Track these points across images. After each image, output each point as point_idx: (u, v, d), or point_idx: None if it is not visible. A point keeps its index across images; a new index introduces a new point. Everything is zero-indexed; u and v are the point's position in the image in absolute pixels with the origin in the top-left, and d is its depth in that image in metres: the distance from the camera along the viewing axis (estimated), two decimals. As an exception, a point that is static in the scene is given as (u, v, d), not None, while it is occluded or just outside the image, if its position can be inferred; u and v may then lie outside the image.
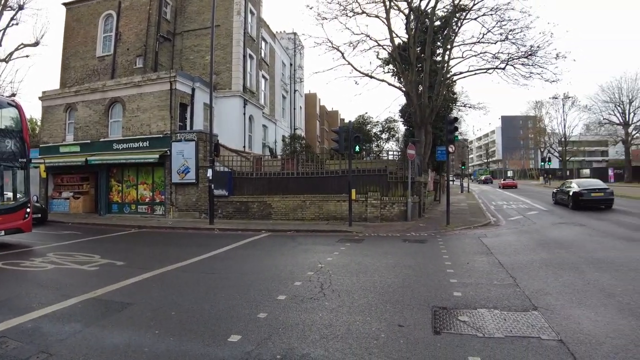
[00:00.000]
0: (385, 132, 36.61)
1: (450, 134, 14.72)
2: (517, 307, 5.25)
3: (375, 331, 4.53)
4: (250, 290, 6.26)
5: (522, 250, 9.58)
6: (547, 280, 6.61)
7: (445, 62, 21.19)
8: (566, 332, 4.33)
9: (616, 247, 9.35)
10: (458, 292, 5.97)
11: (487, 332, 4.41)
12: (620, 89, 53.91)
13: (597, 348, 3.95)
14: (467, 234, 12.63)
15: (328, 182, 16.87)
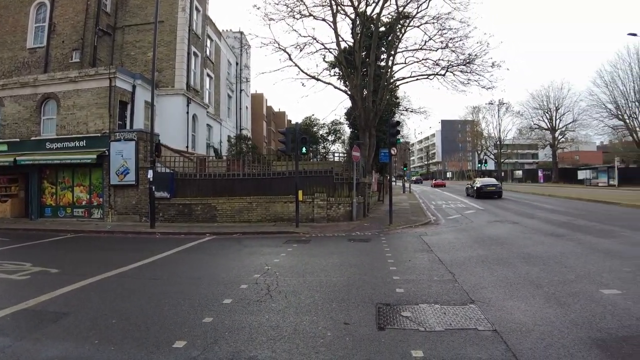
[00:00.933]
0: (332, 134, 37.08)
1: (392, 137, 15.22)
2: (456, 301, 5.55)
3: (322, 330, 4.60)
4: (195, 295, 6.12)
5: (460, 247, 10.11)
6: (483, 275, 7.04)
7: (389, 68, 21.86)
8: (500, 323, 4.64)
9: (544, 243, 10.11)
10: (400, 289, 6.20)
11: (429, 326, 4.63)
12: (548, 97, 58.62)
13: (527, 335, 4.28)
14: (409, 233, 13.11)
15: (275, 184, 16.81)
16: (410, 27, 21.49)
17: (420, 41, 21.33)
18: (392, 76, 22.63)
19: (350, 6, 20.46)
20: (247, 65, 37.03)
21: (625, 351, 3.88)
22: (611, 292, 5.69)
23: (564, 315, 4.85)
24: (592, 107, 49.62)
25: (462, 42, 20.42)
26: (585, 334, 4.30)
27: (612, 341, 4.11)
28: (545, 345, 4.02)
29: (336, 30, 20.17)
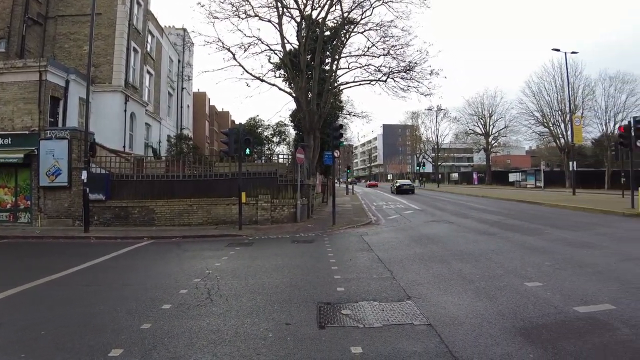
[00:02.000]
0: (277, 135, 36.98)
1: (335, 140, 15.47)
2: (394, 297, 5.74)
3: (264, 331, 4.58)
4: (132, 301, 5.85)
5: (399, 246, 10.47)
6: (419, 272, 7.34)
7: (334, 72, 22.21)
8: (434, 317, 4.86)
9: (477, 241, 10.72)
10: (341, 288, 6.31)
11: (367, 322, 4.75)
12: (483, 104, 62.39)
13: (459, 327, 4.53)
14: (351, 233, 13.37)
15: (217, 185, 16.47)
16: (354, 33, 22.02)
17: (364, 47, 21.90)
18: (336, 80, 23.00)
19: (297, 9, 20.58)
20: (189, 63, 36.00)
21: (544, 337, 4.22)
22: (534, 285, 6.16)
23: (492, 308, 5.18)
24: (521, 114, 53.96)
25: (403, 49, 21.20)
26: (511, 323, 4.62)
27: (533, 329, 4.45)
28: (475, 336, 4.28)
29: (282, 32, 20.20)
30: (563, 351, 3.88)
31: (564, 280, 6.45)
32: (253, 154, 20.60)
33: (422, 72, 21.40)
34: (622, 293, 5.72)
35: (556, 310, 5.05)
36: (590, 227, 13.00)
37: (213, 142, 47.56)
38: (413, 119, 75.86)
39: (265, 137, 36.41)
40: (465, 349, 3.97)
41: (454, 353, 3.87)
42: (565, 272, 6.98)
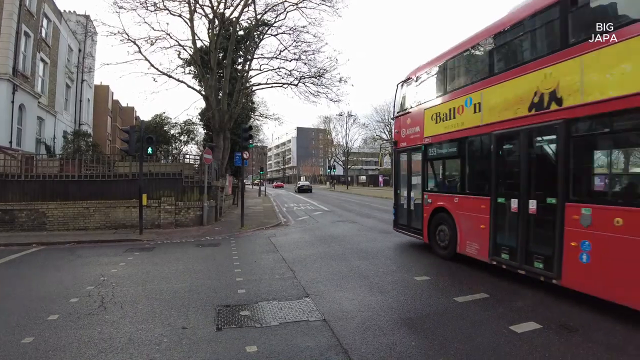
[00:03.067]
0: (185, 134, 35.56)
1: (244, 142, 15.32)
2: (293, 296, 5.91)
3: (158, 337, 4.46)
4: (13, 315, 5.29)
5: (304, 246, 10.72)
6: (320, 270, 7.61)
7: (246, 72, 22.01)
8: (329, 313, 5.11)
9: (376, 239, 11.35)
10: (242, 289, 6.33)
11: (265, 322, 4.85)
12: (389, 111, 65.95)
13: (351, 321, 4.82)
14: (259, 235, 13.36)
15: (117, 187, 15.40)
16: (267, 35, 22.03)
17: (276, 50, 22.11)
18: (248, 80, 22.83)
19: (209, 6, 20.02)
20: (91, 53, 33.09)
21: (427, 326, 4.67)
22: (422, 279, 6.75)
23: (383, 301, 5.58)
24: None
25: (314, 55, 21.73)
26: (398, 315, 5.03)
27: (418, 319, 4.89)
28: (364, 328, 4.59)
29: (193, 28, 19.52)
30: (441, 336, 4.35)
31: (449, 274, 7.16)
32: (157, 153, 19.61)
33: (332, 78, 22.15)
34: (498, 283, 6.50)
35: (439, 301, 5.61)
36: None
37: (115, 140, 44.31)
38: (325, 123, 78.01)
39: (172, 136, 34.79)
40: (354, 341, 4.24)
41: (344, 345, 4.12)
42: (451, 267, 7.73)
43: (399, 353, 3.94)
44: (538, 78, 6.06)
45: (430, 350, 4.00)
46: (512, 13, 6.98)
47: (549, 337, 4.30)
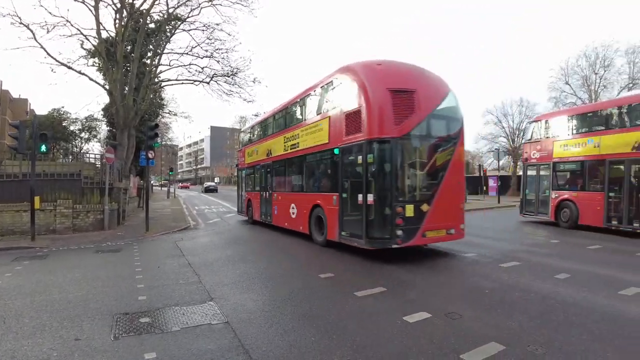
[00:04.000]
0: (86, 131, 32.90)
1: (150, 140, 14.57)
2: (197, 300, 5.84)
3: (47, 351, 4.16)
4: None
5: (212, 249, 10.56)
6: (227, 273, 7.59)
7: (155, 67, 21.01)
8: (233, 315, 5.14)
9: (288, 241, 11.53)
10: (143, 296, 6.10)
11: (166, 328, 4.75)
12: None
13: (254, 321, 4.90)
14: (165, 239, 12.85)
15: (4, 188, 13.85)
16: (180, 30, 21.24)
17: (188, 46, 21.35)
18: (157, 76, 21.83)
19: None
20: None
21: (327, 321, 4.89)
22: (326, 276, 7.04)
23: (287, 300, 5.75)
24: None
25: (228, 54, 21.46)
26: (301, 313, 5.22)
27: (319, 315, 5.15)
28: (267, 327, 4.71)
29: (97, 17, 18.17)
30: (339, 330, 4.60)
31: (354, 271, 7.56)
32: (53, 151, 17.90)
33: (245, 78, 22.05)
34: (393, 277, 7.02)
35: (340, 296, 5.92)
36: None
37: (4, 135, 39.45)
38: (241, 123, 76.55)
39: (72, 133, 31.98)
40: (256, 340, 4.34)
41: (246, 346, 4.20)
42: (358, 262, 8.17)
43: (299, 349, 4.11)
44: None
45: (330, 344, 4.22)
46: None
47: (436, 324, 4.76)
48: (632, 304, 5.56)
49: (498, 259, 8.70)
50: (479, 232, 13.60)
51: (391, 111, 8.21)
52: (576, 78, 42.94)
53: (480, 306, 5.44)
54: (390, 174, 8.14)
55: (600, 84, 41.81)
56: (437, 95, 8.98)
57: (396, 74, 9.03)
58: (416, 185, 8.57)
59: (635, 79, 39.64)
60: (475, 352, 3.96)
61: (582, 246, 10.49)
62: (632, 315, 5.10)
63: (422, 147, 8.62)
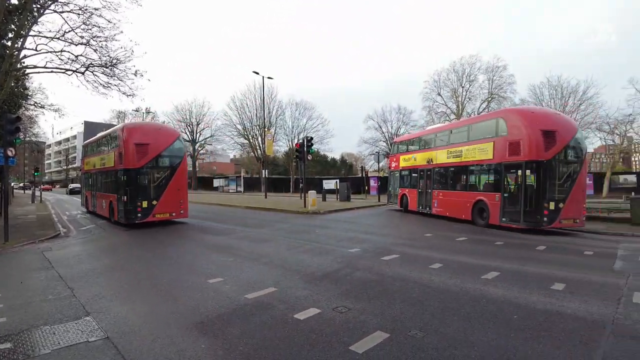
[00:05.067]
0: None
1: (10, 135, 12.58)
2: (70, 317, 5.27)
3: None
4: None
5: (87, 259, 9.60)
6: (105, 284, 6.96)
7: (17, 50, 18.24)
8: (113, 329, 4.76)
9: (173, 244, 11.01)
10: (3, 318, 5.31)
11: (33, 352, 4.22)
12: (191, 111, 64.15)
13: (138, 334, 4.60)
14: (29, 250, 11.31)
15: None
16: (50, 11, 18.65)
17: (61, 30, 18.89)
18: (20, 61, 18.99)
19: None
20: None
21: (217, 326, 4.81)
22: (216, 281, 6.88)
23: (173, 308, 5.49)
24: (226, 125, 59.41)
25: (107, 43, 19.43)
26: (189, 320, 5.03)
27: (209, 321, 4.99)
28: (152, 339, 4.44)
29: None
30: (230, 335, 4.54)
31: (241, 273, 7.49)
32: None
33: (126, 70, 20.18)
34: (283, 277, 7.12)
35: (230, 300, 5.81)
36: (271, 224, 15.46)
37: None
38: (120, 118, 70.28)
39: None
40: (141, 354, 4.09)
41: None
42: (244, 265, 8.12)
43: (188, 358, 3.97)
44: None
45: (220, 351, 4.14)
46: None
47: (326, 319, 4.97)
48: (491, 286, 6.47)
49: (379, 252, 9.40)
50: (365, 228, 14.47)
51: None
52: (447, 90, 48.28)
53: (365, 298, 5.82)
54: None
55: (466, 96, 47.56)
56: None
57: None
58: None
59: (493, 94, 45.91)
60: (363, 342, 4.24)
61: (451, 239, 11.80)
62: (492, 296, 5.94)
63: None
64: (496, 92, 45.57)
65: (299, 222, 16.57)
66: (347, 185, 31.77)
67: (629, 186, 39.76)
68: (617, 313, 5.25)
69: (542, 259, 9.08)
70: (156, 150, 15.67)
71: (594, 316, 5.12)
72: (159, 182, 15.70)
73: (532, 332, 4.56)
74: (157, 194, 15.48)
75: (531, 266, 8.11)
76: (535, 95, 44.07)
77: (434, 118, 48.02)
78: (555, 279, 6.90)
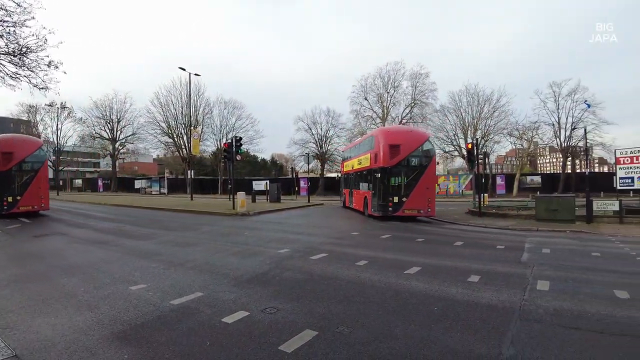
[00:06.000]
0: None
1: None
2: (-31, 336, 4.76)
3: None
4: None
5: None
6: (12, 296, 6.32)
7: None
8: (23, 346, 4.37)
9: (88, 251, 10.27)
10: None
11: None
12: (112, 108, 59.80)
13: (51, 349, 4.27)
14: None
15: None
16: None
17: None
18: None
19: None
20: None
21: (141, 335, 4.62)
22: (138, 288, 6.58)
23: (92, 319, 5.16)
24: (149, 123, 56.08)
25: (16, 28, 17.62)
26: (109, 330, 4.77)
27: (132, 330, 4.78)
28: (69, 354, 4.15)
29: None
30: (155, 342, 4.39)
31: (166, 279, 7.21)
32: None
33: (38, 60, 18.52)
34: (210, 281, 7.00)
35: (155, 307, 5.60)
36: (197, 227, 15.04)
37: None
38: (30, 113, 63.57)
39: None
40: (55, 371, 3.81)
41: (41, 379, 3.65)
42: (168, 271, 7.81)
43: (109, 372, 3.79)
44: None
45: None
46: None
47: (255, 321, 4.97)
48: (414, 280, 6.90)
49: (308, 252, 9.59)
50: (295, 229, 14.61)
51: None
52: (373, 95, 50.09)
53: (294, 298, 5.93)
54: None
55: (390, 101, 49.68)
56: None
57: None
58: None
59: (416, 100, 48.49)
60: (292, 341, 4.33)
61: (376, 237, 12.32)
62: (415, 289, 6.36)
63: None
64: (419, 98, 48.19)
65: (227, 224, 16.29)
66: (278, 186, 31.82)
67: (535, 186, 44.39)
68: (524, 300, 5.89)
69: (459, 253, 9.86)
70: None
71: (504, 304, 5.70)
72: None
73: (452, 322, 4.95)
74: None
75: (450, 261, 8.78)
76: (454, 102, 47.46)
77: (361, 122, 49.70)
78: (471, 272, 7.56)
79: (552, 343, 4.40)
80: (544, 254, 9.99)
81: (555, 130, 44.81)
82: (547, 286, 6.68)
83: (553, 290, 6.48)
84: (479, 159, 22.22)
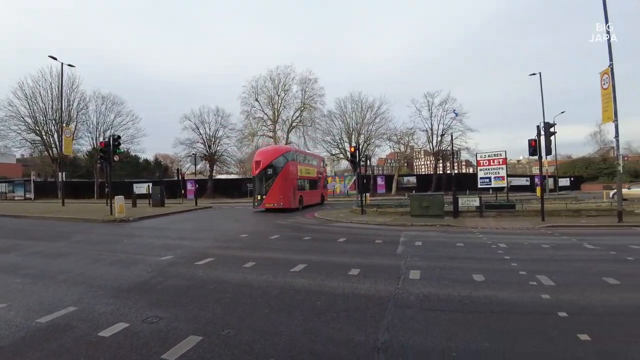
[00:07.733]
0: None
1: None
2: None
3: None
4: None
5: None
6: None
7: None
8: None
9: None
10: None
11: None
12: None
13: None
14: None
15: None
16: None
17: None
18: None
19: None
20: None
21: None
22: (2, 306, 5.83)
23: None
24: (11, 118, 47.38)
25: None
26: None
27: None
28: None
29: None
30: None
31: (32, 294, 6.50)
32: None
33: None
34: (85, 293, 6.49)
35: (17, 328, 5.03)
36: (70, 236, 13.68)
37: None
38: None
39: None
40: None
41: None
42: (35, 286, 7.04)
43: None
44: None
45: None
46: None
47: (135, 332, 4.78)
48: (299, 277, 7.26)
49: (194, 257, 9.40)
50: (180, 234, 14.12)
51: None
52: (264, 97, 50.25)
53: (178, 305, 5.82)
54: None
55: (281, 104, 50.36)
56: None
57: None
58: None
59: (305, 104, 49.92)
60: (176, 349, 4.27)
61: (265, 237, 12.50)
62: (300, 286, 6.71)
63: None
64: (308, 103, 49.70)
65: (104, 231, 15.08)
66: (162, 188, 30.10)
67: (411, 186, 48.88)
68: (398, 288, 6.56)
69: (342, 249, 10.55)
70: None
71: (381, 293, 6.29)
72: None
73: (333, 314, 5.34)
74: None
75: (333, 256, 9.35)
76: (340, 108, 49.86)
77: (252, 122, 49.53)
78: (352, 266, 8.16)
79: (420, 325, 4.99)
80: (416, 246, 11.11)
81: (428, 135, 50.04)
82: (418, 275, 7.52)
83: (423, 278, 7.32)
84: (361, 161, 23.95)
